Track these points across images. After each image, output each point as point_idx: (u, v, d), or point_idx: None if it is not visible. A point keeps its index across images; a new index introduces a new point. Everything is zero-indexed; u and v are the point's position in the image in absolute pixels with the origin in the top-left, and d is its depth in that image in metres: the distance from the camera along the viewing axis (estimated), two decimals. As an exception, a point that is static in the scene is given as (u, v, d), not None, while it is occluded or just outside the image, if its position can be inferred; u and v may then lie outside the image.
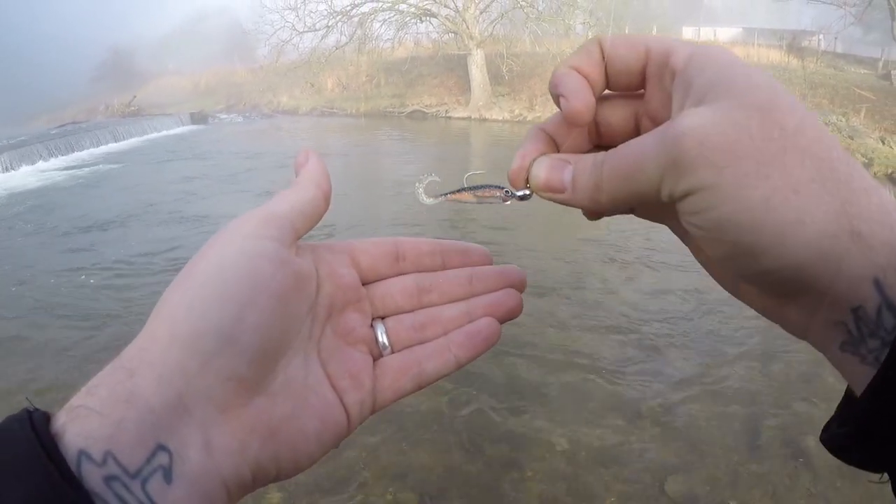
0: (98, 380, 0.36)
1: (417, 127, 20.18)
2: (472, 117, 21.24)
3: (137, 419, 0.34)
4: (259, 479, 0.40)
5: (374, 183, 12.15)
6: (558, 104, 0.42)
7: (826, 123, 15.00)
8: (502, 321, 0.49)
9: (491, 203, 0.47)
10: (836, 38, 25.24)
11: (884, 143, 14.03)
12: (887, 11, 20.53)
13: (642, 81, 0.43)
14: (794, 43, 23.72)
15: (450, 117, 21.78)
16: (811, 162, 0.33)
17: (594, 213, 0.43)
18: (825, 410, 4.06)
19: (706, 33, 31.74)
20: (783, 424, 4.00)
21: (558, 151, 0.45)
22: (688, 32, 33.16)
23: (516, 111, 20.85)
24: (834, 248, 0.32)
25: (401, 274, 0.50)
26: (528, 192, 0.45)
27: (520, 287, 0.50)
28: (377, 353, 0.48)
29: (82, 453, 0.32)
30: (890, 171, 12.35)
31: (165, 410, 0.35)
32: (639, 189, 0.38)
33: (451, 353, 0.48)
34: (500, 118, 20.79)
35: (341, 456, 3.69)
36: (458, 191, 0.47)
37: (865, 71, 21.10)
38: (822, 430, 0.35)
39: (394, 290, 0.49)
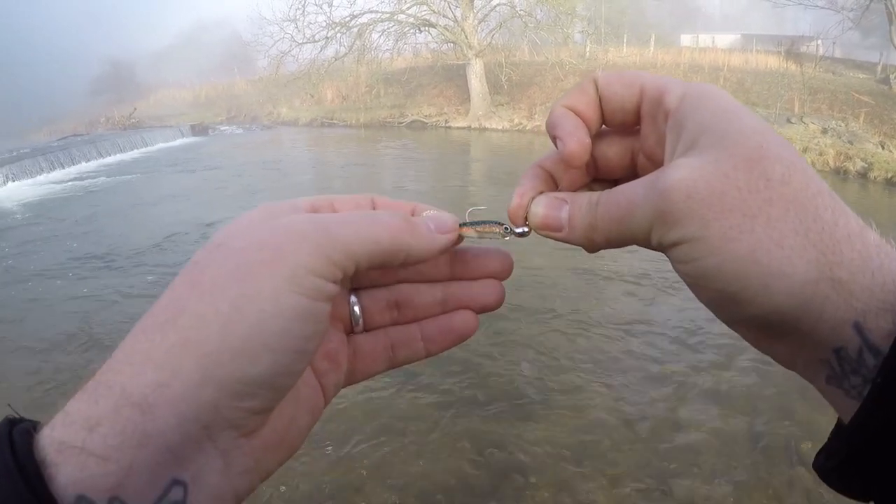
0: (98, 413, 0.32)
1: (417, 137, 20.21)
2: (472, 127, 21.29)
3: (151, 461, 0.32)
4: (261, 482, 0.39)
5: (375, 191, 12.14)
6: (555, 144, 0.43)
7: (825, 129, 15.03)
8: (478, 313, 0.48)
9: (491, 239, 0.48)
10: (834, 43, 25.33)
11: (883, 148, 14.03)
12: (885, 16, 20.57)
13: (637, 119, 0.43)
14: (792, 48, 23.79)
15: (449, 127, 21.82)
16: (795, 212, 0.34)
17: (591, 250, 0.44)
18: (825, 416, 4.04)
19: (704, 40, 31.82)
20: (784, 429, 3.99)
21: (557, 187, 0.46)
22: (686, 40, 33.29)
23: (516, 120, 20.89)
24: (815, 296, 0.33)
25: None
26: (526, 229, 0.46)
27: (503, 274, 0.49)
28: (349, 328, 0.47)
29: (82, 499, 0.30)
30: (890, 175, 12.34)
31: (184, 444, 0.33)
32: (630, 234, 0.39)
33: (421, 344, 0.47)
34: (500, 127, 20.83)
35: (344, 465, 3.69)
36: (460, 225, 0.47)
37: (864, 75, 21.13)
38: (815, 457, 0.36)
39: None
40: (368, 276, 0.47)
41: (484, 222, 0.47)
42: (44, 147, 16.85)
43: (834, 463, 0.34)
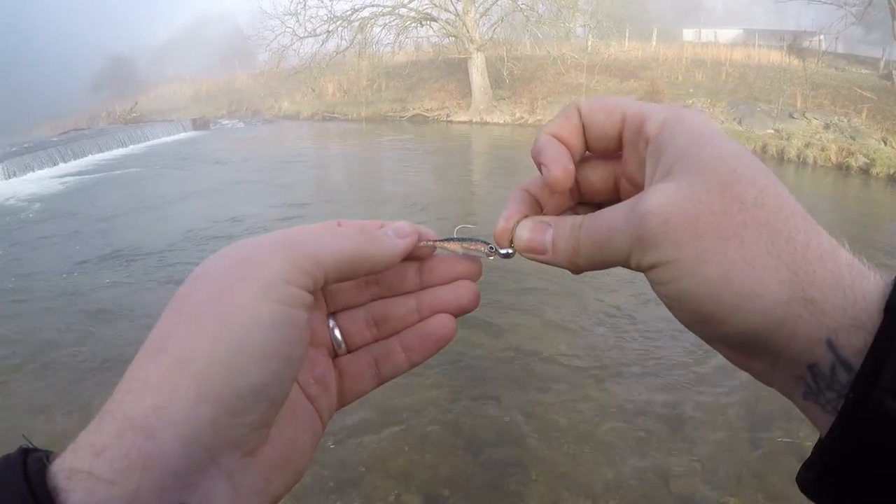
0: (103, 439, 0.33)
1: (419, 131, 20.22)
2: (473, 121, 21.30)
3: (157, 485, 0.32)
4: None
5: (375, 188, 12.16)
6: (540, 171, 0.45)
7: (827, 125, 15.02)
8: (456, 315, 0.49)
9: (475, 257, 0.49)
10: (836, 39, 25.23)
11: (885, 144, 14.02)
12: (888, 11, 20.51)
13: (620, 145, 0.44)
14: (794, 44, 23.73)
15: (451, 121, 21.83)
16: (768, 235, 0.35)
17: (575, 272, 0.45)
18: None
19: (707, 35, 31.74)
20: (786, 426, 4.00)
21: (542, 210, 0.48)
22: (688, 34, 33.19)
23: (517, 114, 20.90)
24: (788, 315, 0.34)
25: None
26: (511, 251, 0.47)
27: (474, 275, 0.49)
28: (333, 352, 0.48)
29: None
30: (892, 171, 12.32)
31: (189, 468, 0.33)
32: (611, 257, 0.41)
33: (402, 355, 0.48)
34: (501, 121, 20.85)
35: (345, 458, 3.70)
36: (447, 240, 0.48)
37: (867, 71, 21.11)
38: (798, 471, 0.37)
39: (344, 283, 0.48)
40: (344, 296, 0.48)
41: (470, 240, 0.48)
42: (45, 142, 16.82)
43: (812, 476, 0.35)
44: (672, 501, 3.42)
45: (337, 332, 0.47)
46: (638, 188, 0.42)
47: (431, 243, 0.48)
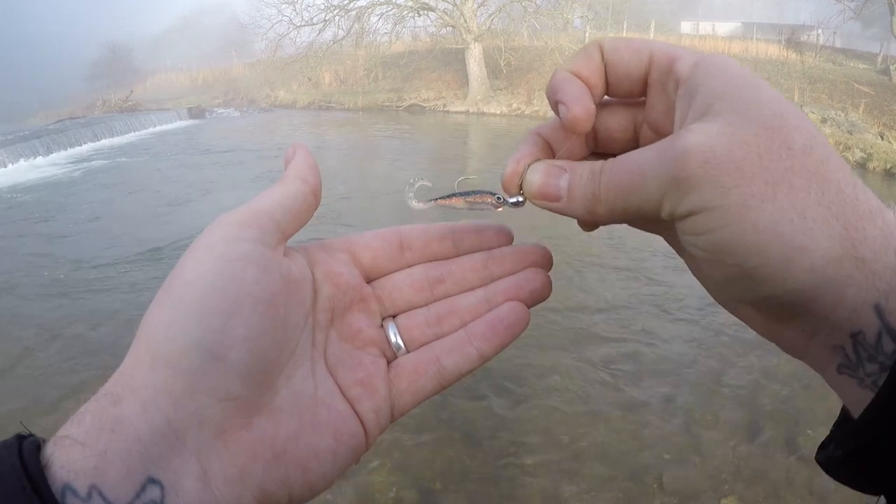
0: (85, 407, 0.33)
1: (415, 121, 20.11)
2: (470, 111, 21.20)
3: (124, 449, 0.32)
4: (256, 501, 0.36)
5: (373, 178, 12.12)
6: (556, 111, 0.41)
7: (824, 118, 15.00)
8: (529, 304, 0.45)
9: (482, 210, 0.45)
10: (834, 33, 25.23)
11: (882, 139, 14.01)
12: (886, 6, 20.48)
13: (644, 88, 0.41)
14: (792, 38, 23.67)
15: (447, 111, 21.73)
16: (818, 184, 0.31)
17: (589, 224, 0.42)
18: (825, 408, 4.11)
19: (705, 28, 31.70)
20: (783, 420, 4.00)
21: (554, 157, 0.43)
22: (686, 27, 33.15)
23: (514, 105, 20.81)
24: (838, 274, 0.31)
25: (408, 266, 0.46)
26: (521, 198, 0.43)
27: (545, 265, 0.46)
28: (391, 355, 0.44)
29: (66, 487, 0.30)
30: (889, 166, 12.33)
31: (154, 439, 0.32)
32: (638, 204, 0.36)
33: (472, 346, 0.43)
34: (498, 112, 20.77)
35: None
36: (449, 196, 0.45)
37: (864, 66, 21.05)
38: (819, 450, 0.35)
39: (402, 284, 0.45)
40: (402, 296, 0.45)
41: (475, 192, 0.45)
42: (39, 130, 16.66)
43: (841, 454, 0.32)
44: (669, 495, 3.42)
45: (393, 335, 0.44)
46: (662, 136, 0.38)
47: (432, 202, 0.46)
